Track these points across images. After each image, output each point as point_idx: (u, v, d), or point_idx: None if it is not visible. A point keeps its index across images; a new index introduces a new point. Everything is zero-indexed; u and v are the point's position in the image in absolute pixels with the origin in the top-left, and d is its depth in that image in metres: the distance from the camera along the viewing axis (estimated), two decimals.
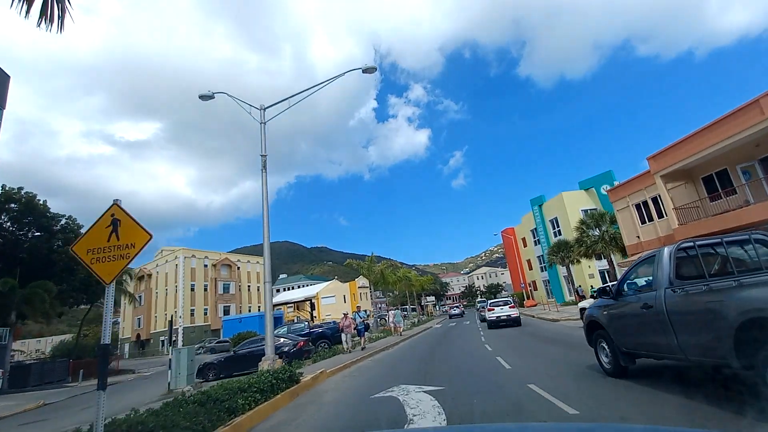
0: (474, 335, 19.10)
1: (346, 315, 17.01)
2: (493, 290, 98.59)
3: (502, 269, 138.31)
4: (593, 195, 41.45)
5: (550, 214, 44.69)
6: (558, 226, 43.31)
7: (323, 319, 62.93)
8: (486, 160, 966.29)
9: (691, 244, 5.10)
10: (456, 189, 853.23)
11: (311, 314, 47.57)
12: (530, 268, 53.33)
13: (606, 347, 6.30)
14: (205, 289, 56.10)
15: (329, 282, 69.69)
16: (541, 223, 46.26)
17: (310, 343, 16.38)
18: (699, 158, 18.01)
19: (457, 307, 54.34)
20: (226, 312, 56.13)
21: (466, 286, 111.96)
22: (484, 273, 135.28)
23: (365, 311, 16.77)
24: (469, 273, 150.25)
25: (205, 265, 56.92)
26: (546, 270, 46.40)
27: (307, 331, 19.09)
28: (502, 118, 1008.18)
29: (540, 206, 46.55)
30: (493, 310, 22.24)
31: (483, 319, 32.71)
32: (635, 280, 6.01)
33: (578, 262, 35.76)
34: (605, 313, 6.30)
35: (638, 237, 23.95)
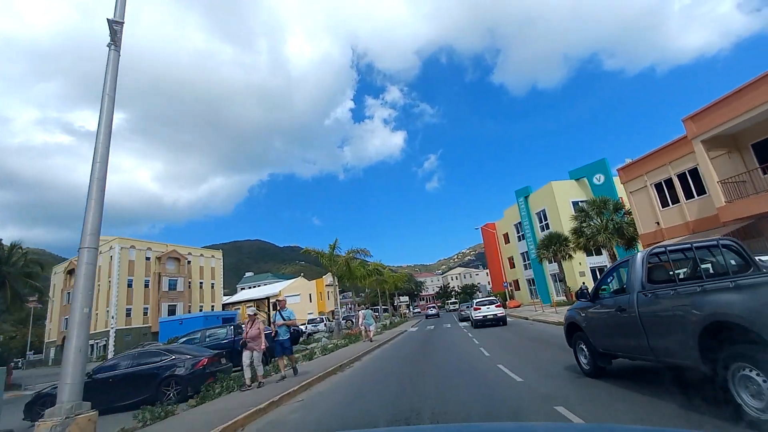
0: (466, 343, 14.15)
1: (253, 316, 9.28)
2: (469, 291, 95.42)
3: (477, 270, 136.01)
4: (585, 185, 37.81)
5: (537, 206, 40.77)
6: (546, 219, 39.40)
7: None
8: (460, 164, 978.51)
9: (663, 249, 5.34)
10: (430, 192, 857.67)
11: (268, 314, 41.51)
12: (512, 266, 49.47)
13: (584, 348, 6.32)
14: (146, 285, 48.55)
15: (293, 279, 63.47)
16: (526, 216, 42.30)
17: (223, 360, 10.76)
18: (756, 116, 13.86)
19: (433, 307, 52.42)
20: (172, 312, 48.96)
21: (440, 287, 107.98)
22: (459, 273, 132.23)
23: (292, 310, 10.17)
24: (443, 273, 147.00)
25: (147, 258, 49.38)
26: (531, 267, 42.47)
27: (231, 338, 13.38)
28: (476, 124, 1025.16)
29: (526, 198, 42.61)
30: (480, 309, 21.69)
31: (462, 319, 32.07)
32: (611, 283, 6.34)
33: (570, 257, 31.88)
34: (583, 315, 6.37)
35: (658, 223, 19.83)
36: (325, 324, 33.94)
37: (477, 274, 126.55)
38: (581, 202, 37.86)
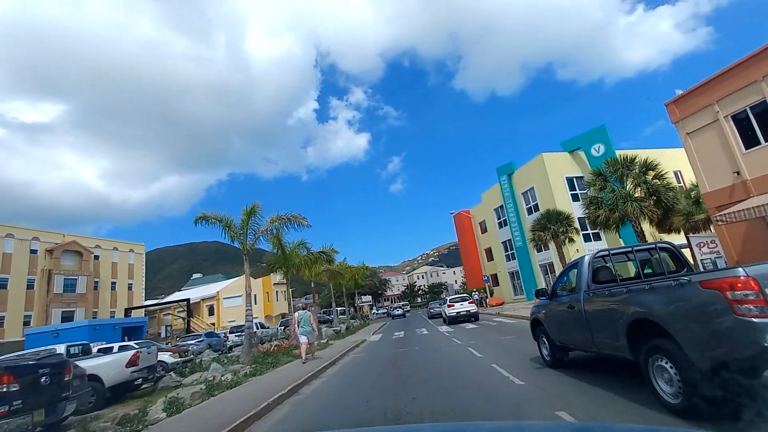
0: (482, 373, 6.52)
1: None
2: (436, 290, 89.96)
3: (443, 269, 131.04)
4: (580, 159, 31.84)
5: (524, 185, 34.39)
6: (534, 200, 33.05)
7: (225, 327, 47.32)
8: (423, 167, 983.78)
9: (606, 252, 6.06)
10: (393, 193, 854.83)
11: (187, 321, 32.09)
12: (490, 259, 43.02)
13: (546, 341, 6.89)
14: (30, 287, 37.25)
15: (235, 278, 53.62)
16: (510, 197, 35.83)
17: None
18: None
19: (399, 307, 48.55)
20: (68, 319, 37.96)
21: (406, 286, 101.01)
22: (425, 272, 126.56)
23: None
24: (408, 273, 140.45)
25: (33, 251, 38.04)
26: (516, 258, 36.03)
27: None
28: (439, 128, 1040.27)
29: (509, 176, 36.16)
30: (454, 306, 22.21)
31: (431, 316, 32.05)
32: (566, 283, 6.65)
33: (572, 240, 25.57)
34: (543, 311, 6.99)
35: (737, 173, 13.32)
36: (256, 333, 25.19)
37: (444, 273, 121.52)
38: (576, 177, 32.00)
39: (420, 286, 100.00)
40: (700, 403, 3.51)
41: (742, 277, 3.25)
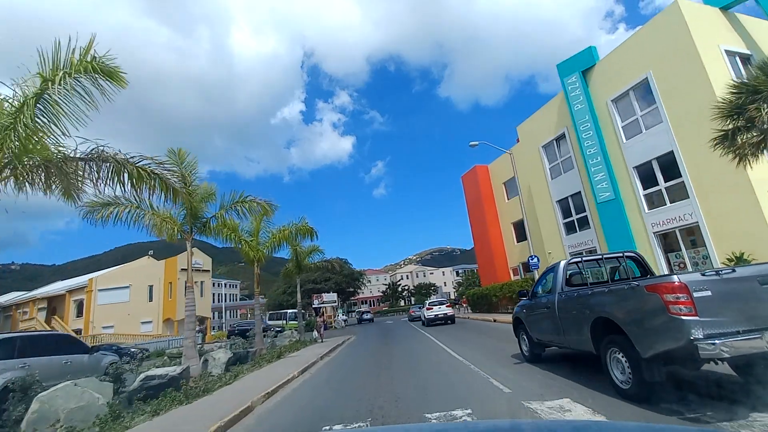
0: None
1: None
2: (423, 291, 74.69)
3: (432, 269, 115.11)
4: (742, 23, 15.82)
5: (621, 81, 17.94)
6: (652, 102, 16.66)
7: (99, 335, 29.40)
8: (406, 172, 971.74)
9: (579, 259, 6.80)
10: (377, 198, 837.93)
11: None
12: (521, 238, 26.41)
13: (525, 338, 7.76)
14: None
15: (127, 264, 35.25)
16: (587, 111, 19.34)
17: None
18: None
19: (368, 312, 44.35)
20: None
21: (388, 285, 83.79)
22: (411, 272, 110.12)
23: None
24: (392, 273, 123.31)
25: None
26: (592, 224, 19.49)
27: None
28: (423, 134, 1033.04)
29: (584, 74, 19.72)
30: (432, 309, 23.25)
31: (412, 319, 32.26)
32: (545, 285, 7.29)
33: None
34: (524, 311, 7.81)
35: None
36: None
37: (431, 273, 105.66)
38: (741, 53, 15.89)
39: (405, 286, 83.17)
40: (643, 389, 4.37)
41: (676, 283, 4.01)
